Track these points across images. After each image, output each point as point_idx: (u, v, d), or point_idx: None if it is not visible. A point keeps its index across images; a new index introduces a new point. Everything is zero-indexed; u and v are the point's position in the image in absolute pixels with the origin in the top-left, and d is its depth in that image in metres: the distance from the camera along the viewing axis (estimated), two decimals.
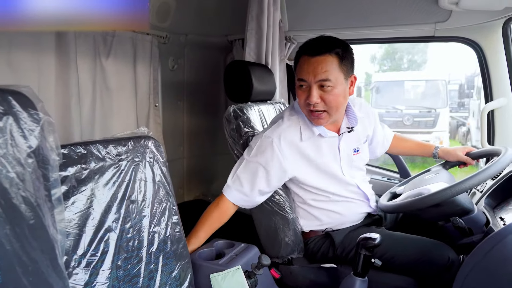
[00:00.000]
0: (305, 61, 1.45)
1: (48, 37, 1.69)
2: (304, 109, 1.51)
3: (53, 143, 0.79)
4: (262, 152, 1.50)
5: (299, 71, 1.48)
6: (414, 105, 9.38)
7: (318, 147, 1.56)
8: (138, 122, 2.22)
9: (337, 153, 1.59)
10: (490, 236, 1.00)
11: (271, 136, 1.51)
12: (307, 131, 1.54)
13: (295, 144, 1.52)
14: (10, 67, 1.58)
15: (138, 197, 1.11)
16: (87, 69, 1.89)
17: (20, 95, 0.73)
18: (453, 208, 1.41)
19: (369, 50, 16.08)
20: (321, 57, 1.43)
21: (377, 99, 9.73)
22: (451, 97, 10.24)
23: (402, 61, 17.33)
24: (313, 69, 1.42)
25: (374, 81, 10.19)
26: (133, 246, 1.07)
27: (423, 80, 9.96)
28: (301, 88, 1.48)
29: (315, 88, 1.43)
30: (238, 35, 2.50)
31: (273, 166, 1.49)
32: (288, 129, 1.53)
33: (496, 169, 1.37)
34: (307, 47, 1.47)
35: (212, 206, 1.54)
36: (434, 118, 9.00)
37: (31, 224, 0.70)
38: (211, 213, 1.53)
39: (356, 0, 2.17)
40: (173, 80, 2.56)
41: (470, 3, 1.76)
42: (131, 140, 1.14)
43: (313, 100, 1.43)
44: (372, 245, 1.18)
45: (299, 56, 1.49)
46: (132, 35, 2.12)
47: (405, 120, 9.23)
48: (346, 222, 1.63)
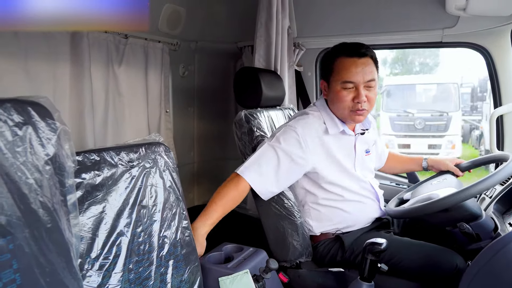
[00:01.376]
0: (352, 63, 1.52)
1: (63, 47, 1.76)
2: (346, 109, 1.56)
3: (69, 150, 0.83)
4: (285, 139, 1.52)
5: (344, 74, 1.53)
6: (426, 109, 9.29)
7: (339, 143, 1.62)
8: (149, 128, 2.27)
9: (353, 151, 1.67)
10: (494, 242, 1.01)
11: (295, 126, 1.55)
12: (331, 126, 1.60)
13: (319, 136, 1.58)
14: (27, 76, 1.64)
15: (149, 202, 1.15)
16: (100, 77, 1.95)
17: (39, 106, 0.77)
18: (461, 214, 1.41)
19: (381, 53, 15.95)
20: (365, 59, 1.53)
21: (388, 102, 9.65)
22: (464, 100, 10.11)
23: (414, 64, 17.19)
24: (362, 70, 1.51)
25: (384, 85, 10.12)
26: (144, 250, 1.10)
27: (435, 83, 9.86)
28: (346, 90, 1.54)
29: (363, 88, 1.52)
30: (247, 42, 2.54)
31: (295, 154, 1.52)
32: (312, 122, 1.59)
33: (504, 174, 1.37)
34: (347, 49, 1.55)
35: (231, 186, 1.48)
36: (446, 122, 8.90)
37: (48, 228, 0.74)
38: (229, 192, 1.47)
39: (364, 7, 2.19)
40: (184, 86, 2.61)
41: (477, 9, 1.77)
42: (142, 146, 1.17)
43: (363, 99, 1.51)
44: (378, 250, 1.20)
45: (336, 58, 1.56)
46: (144, 43, 2.18)
47: (416, 124, 9.15)
48: (356, 224, 1.64)
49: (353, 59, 1.52)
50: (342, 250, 1.59)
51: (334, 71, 1.56)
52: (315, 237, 1.67)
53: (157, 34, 2.26)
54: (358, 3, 2.20)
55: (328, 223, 1.65)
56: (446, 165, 1.79)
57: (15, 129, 0.71)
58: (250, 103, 1.87)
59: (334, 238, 1.64)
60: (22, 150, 0.72)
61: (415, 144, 9.08)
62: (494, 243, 1.01)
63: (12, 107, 0.72)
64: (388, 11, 2.14)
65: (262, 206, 1.66)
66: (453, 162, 1.79)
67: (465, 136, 10.33)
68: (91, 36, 1.85)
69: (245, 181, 1.48)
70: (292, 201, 1.61)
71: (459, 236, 1.45)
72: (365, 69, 1.51)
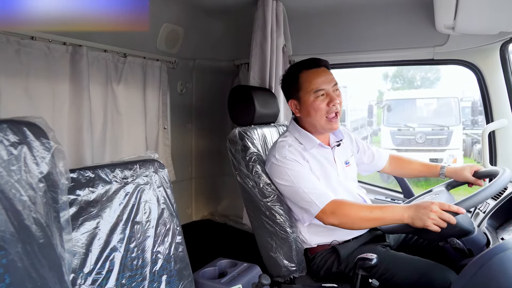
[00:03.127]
0: (315, 75, 1.64)
1: (63, 66, 1.81)
2: (323, 118, 1.64)
3: (63, 168, 0.86)
4: (289, 168, 1.59)
5: (313, 85, 1.63)
6: (427, 123, 9.31)
7: (320, 157, 1.69)
8: (147, 144, 2.30)
9: (334, 164, 1.72)
10: (480, 256, 1.02)
11: (282, 155, 1.61)
12: (307, 142, 1.68)
13: (301, 154, 1.64)
14: (27, 94, 1.69)
15: (143, 218, 1.18)
16: (99, 95, 2.00)
17: (34, 126, 0.81)
18: (451, 229, 1.41)
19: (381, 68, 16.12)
20: (322, 68, 1.67)
21: (388, 117, 9.69)
22: (465, 114, 10.13)
23: (415, 78, 17.29)
24: (325, 77, 1.64)
25: (385, 99, 10.17)
26: (137, 265, 1.12)
27: (435, 97, 9.91)
28: (319, 99, 1.63)
29: (332, 92, 1.63)
30: (244, 60, 2.59)
31: (303, 166, 1.61)
32: (291, 144, 1.66)
33: (492, 190, 1.39)
34: (304, 64, 1.68)
35: (347, 207, 1.49)
36: (447, 136, 8.90)
37: (41, 243, 0.77)
38: (351, 206, 1.50)
39: (358, 26, 2.25)
40: (182, 104, 2.66)
41: (465, 28, 1.80)
42: (137, 163, 1.21)
43: (336, 101, 1.62)
44: (369, 266, 1.21)
45: (298, 75, 1.67)
46: (142, 61, 2.24)
47: (417, 138, 9.15)
48: (350, 232, 1.65)
49: (314, 70, 1.65)
50: (338, 262, 1.60)
51: (301, 85, 1.65)
52: (312, 249, 1.68)
53: (156, 53, 2.32)
54: (352, 22, 2.25)
55: (322, 233, 1.66)
56: (464, 176, 1.76)
57: (11, 149, 0.75)
58: (243, 121, 1.90)
59: (330, 249, 1.65)
60: (17, 168, 0.75)
61: (416, 158, 9.05)
62: (479, 257, 1.02)
63: (8, 128, 0.75)
64: (381, 29, 2.19)
65: (255, 221, 1.68)
66: (471, 170, 1.76)
67: (467, 150, 10.31)
68: (90, 55, 1.90)
69: (329, 201, 1.50)
70: (284, 216, 1.62)
71: (451, 252, 1.46)
72: (327, 76, 1.64)
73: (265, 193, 1.63)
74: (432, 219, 1.33)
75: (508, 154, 2.00)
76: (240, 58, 2.64)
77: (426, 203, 1.36)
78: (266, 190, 1.63)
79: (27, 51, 1.67)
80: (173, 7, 2.18)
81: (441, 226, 1.33)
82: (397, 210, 1.42)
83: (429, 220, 1.33)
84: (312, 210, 1.51)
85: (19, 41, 1.63)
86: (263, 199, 1.63)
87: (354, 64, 2.44)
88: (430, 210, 1.33)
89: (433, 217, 1.33)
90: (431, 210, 1.33)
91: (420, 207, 1.37)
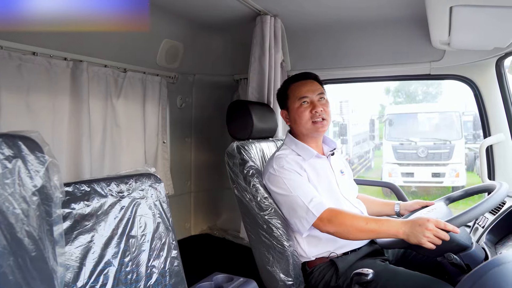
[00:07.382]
0: (300, 85, 1.77)
1: (64, 81, 1.83)
2: (308, 124, 1.72)
3: (57, 182, 0.87)
4: (286, 177, 1.63)
5: (298, 93, 1.75)
6: (428, 137, 9.32)
7: (319, 166, 1.74)
8: (146, 158, 2.32)
9: (332, 172, 1.77)
10: (475, 270, 1.02)
11: (281, 165, 1.66)
12: (305, 153, 1.73)
13: (300, 165, 1.69)
14: (28, 109, 1.71)
15: (138, 232, 1.17)
16: (98, 109, 2.02)
17: (29, 140, 0.82)
18: (448, 244, 1.41)
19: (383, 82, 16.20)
20: (310, 80, 1.79)
21: (390, 131, 9.71)
22: (467, 129, 10.14)
23: (417, 92, 17.36)
24: (311, 87, 1.75)
25: (387, 114, 10.20)
26: (132, 279, 1.12)
27: (437, 112, 9.93)
28: (303, 106, 1.73)
29: (317, 100, 1.73)
30: (243, 75, 2.61)
31: (301, 176, 1.65)
32: (289, 155, 1.72)
33: (489, 205, 1.38)
34: (295, 77, 1.82)
35: (343, 216, 1.52)
36: (449, 150, 8.90)
37: (33, 256, 0.77)
38: (347, 215, 1.52)
39: (355, 42, 2.28)
40: (181, 118, 2.68)
41: (461, 44, 1.83)
42: (133, 177, 1.21)
43: (319, 108, 1.70)
44: (365, 281, 1.21)
45: (288, 86, 1.80)
46: (142, 76, 2.26)
47: (419, 152, 9.16)
48: (348, 244, 1.64)
49: (301, 81, 1.78)
50: (336, 276, 1.59)
51: (289, 95, 1.79)
52: (310, 262, 1.68)
53: (156, 68, 2.35)
54: (349, 38, 2.29)
55: (321, 245, 1.65)
56: (412, 208, 1.84)
57: (5, 162, 0.76)
58: (241, 135, 1.92)
59: (329, 262, 1.64)
60: (11, 181, 0.76)
61: (418, 173, 9.06)
62: (474, 272, 1.02)
63: (3, 142, 0.76)
64: (378, 45, 2.22)
65: (252, 235, 1.68)
66: (419, 205, 1.83)
67: (470, 164, 10.28)
68: (91, 70, 1.93)
69: (326, 209, 1.54)
70: (281, 230, 1.62)
71: (449, 267, 1.45)
72: (313, 87, 1.76)
73: (262, 206, 1.64)
74: (427, 237, 1.34)
75: (506, 168, 2.01)
76: (239, 73, 2.67)
77: (422, 220, 1.37)
78: (263, 204, 1.64)
79: (29, 66, 1.70)
80: (173, 23, 2.22)
81: (436, 243, 1.34)
82: (393, 225, 1.42)
83: (424, 238, 1.34)
84: (309, 218, 1.54)
85: (21, 56, 1.66)
86: (260, 212, 1.64)
87: (352, 79, 2.47)
88: (426, 228, 1.34)
89: (428, 235, 1.34)
90: (426, 228, 1.34)
91: (416, 223, 1.37)
